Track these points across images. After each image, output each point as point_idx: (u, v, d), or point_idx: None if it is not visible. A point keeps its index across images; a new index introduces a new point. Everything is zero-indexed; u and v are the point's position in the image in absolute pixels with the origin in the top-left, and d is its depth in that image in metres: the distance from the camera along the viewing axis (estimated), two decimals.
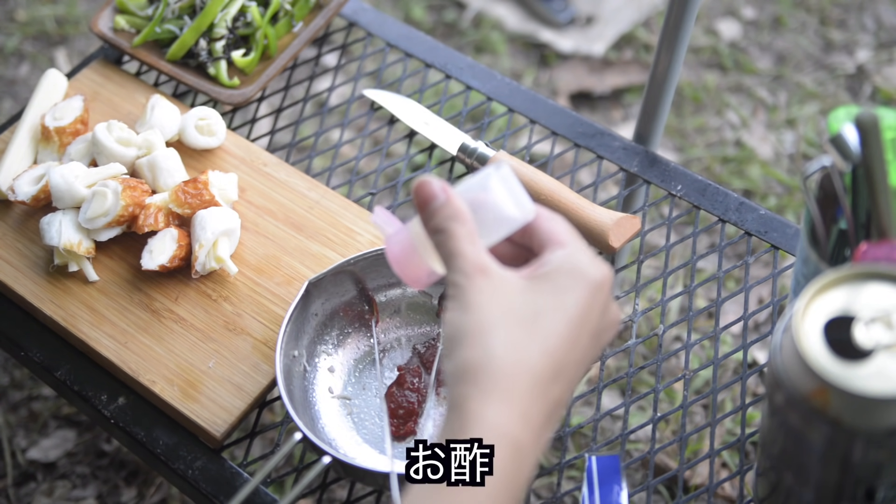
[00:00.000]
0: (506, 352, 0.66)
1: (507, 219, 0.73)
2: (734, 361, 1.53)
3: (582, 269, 0.70)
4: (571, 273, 0.70)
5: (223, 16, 1.19)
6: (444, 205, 0.72)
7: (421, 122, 1.17)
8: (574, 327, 0.68)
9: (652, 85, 1.21)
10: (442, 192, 0.72)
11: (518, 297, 0.69)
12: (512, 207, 0.73)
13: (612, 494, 0.92)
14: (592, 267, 0.71)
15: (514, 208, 0.73)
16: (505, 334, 0.67)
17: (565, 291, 0.69)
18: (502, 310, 0.68)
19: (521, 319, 0.68)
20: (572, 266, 0.70)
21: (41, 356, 1.03)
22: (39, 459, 1.50)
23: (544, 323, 0.68)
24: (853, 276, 0.71)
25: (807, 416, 0.70)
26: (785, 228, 1.08)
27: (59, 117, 1.12)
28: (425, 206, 0.72)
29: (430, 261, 0.74)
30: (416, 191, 0.72)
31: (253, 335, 1.01)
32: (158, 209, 1.04)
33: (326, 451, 0.88)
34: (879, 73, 1.97)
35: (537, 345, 0.67)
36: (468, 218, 0.72)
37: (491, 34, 2.04)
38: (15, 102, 1.96)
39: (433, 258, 0.74)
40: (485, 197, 0.73)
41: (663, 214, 1.69)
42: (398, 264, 0.75)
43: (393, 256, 0.75)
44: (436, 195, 0.72)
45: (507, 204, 0.73)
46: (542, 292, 0.69)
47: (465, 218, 0.72)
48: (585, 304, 0.69)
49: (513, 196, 0.73)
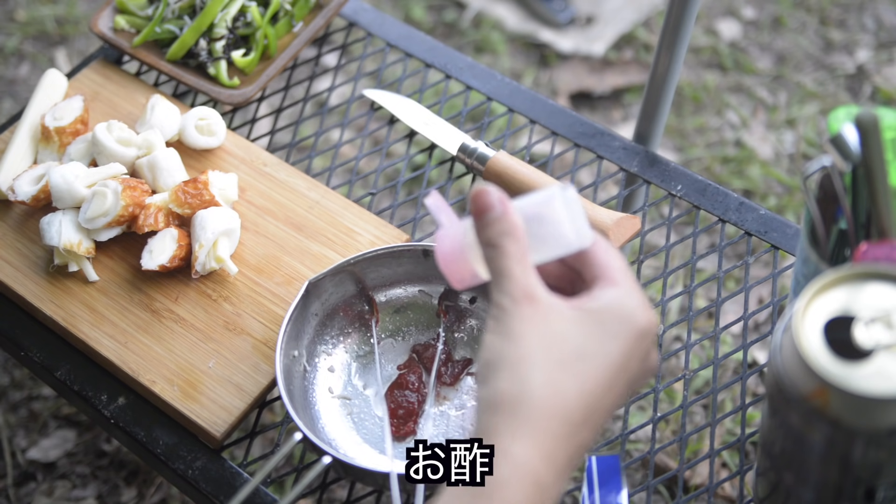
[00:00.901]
0: (543, 390, 0.65)
1: (563, 241, 0.71)
2: (734, 361, 1.53)
3: (631, 315, 0.69)
4: (621, 318, 0.68)
5: (223, 16, 1.19)
6: (500, 218, 0.70)
7: (421, 122, 1.17)
8: (613, 375, 0.67)
9: (652, 85, 1.21)
10: (499, 204, 0.70)
11: (563, 332, 0.67)
12: (570, 231, 0.71)
13: (612, 494, 0.92)
14: (642, 314, 0.69)
15: (573, 232, 0.71)
16: (545, 371, 0.66)
17: (612, 337, 0.68)
18: (545, 344, 0.67)
19: (564, 358, 0.67)
20: (623, 310, 0.69)
21: (41, 356, 1.03)
22: (39, 459, 1.50)
23: (586, 366, 0.67)
24: (853, 276, 0.71)
25: (807, 416, 0.70)
26: (785, 228, 1.08)
27: (59, 117, 1.12)
28: (480, 216, 0.71)
29: (478, 266, 0.73)
30: (474, 199, 0.71)
31: (253, 335, 1.01)
32: (158, 209, 1.04)
33: (326, 451, 0.88)
34: (879, 73, 1.97)
35: (575, 387, 0.66)
36: (522, 235, 0.70)
37: (491, 34, 2.04)
38: (15, 102, 1.96)
39: (481, 265, 0.72)
40: (545, 214, 0.71)
41: (663, 214, 1.69)
42: (445, 261, 0.74)
43: (441, 252, 0.73)
44: (492, 206, 0.70)
45: (565, 226, 0.71)
46: (588, 333, 0.68)
47: (518, 235, 0.70)
48: (628, 353, 0.68)
49: (573, 220, 0.71)
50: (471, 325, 1.01)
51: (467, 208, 0.72)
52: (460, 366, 0.99)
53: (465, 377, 0.99)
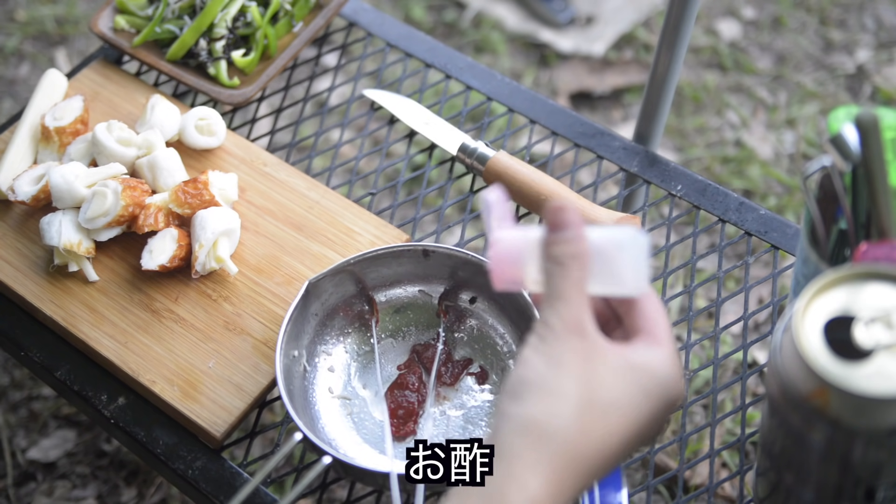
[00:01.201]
0: (573, 429, 0.66)
1: (620, 283, 0.71)
2: (734, 361, 1.53)
3: (669, 381, 0.69)
4: (660, 382, 0.69)
5: (223, 16, 1.19)
6: (573, 240, 0.70)
7: (421, 122, 1.17)
8: (636, 431, 0.68)
9: (652, 85, 1.21)
10: (577, 227, 0.70)
11: (605, 377, 0.67)
12: (630, 276, 0.71)
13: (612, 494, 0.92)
14: (677, 383, 0.70)
15: (632, 278, 0.71)
16: (579, 411, 0.66)
17: (647, 397, 0.68)
18: (586, 383, 0.67)
19: (599, 403, 0.67)
20: (663, 374, 0.69)
21: (41, 356, 1.03)
22: (39, 459, 1.50)
23: (616, 417, 0.67)
24: (853, 276, 0.71)
25: (807, 416, 0.70)
26: (785, 228, 1.08)
27: (59, 117, 1.12)
28: (555, 230, 0.70)
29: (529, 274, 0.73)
30: (554, 212, 0.70)
31: (253, 335, 1.01)
32: (158, 209, 1.04)
33: (326, 451, 0.88)
34: (879, 73, 1.97)
35: (601, 434, 0.66)
36: (587, 263, 0.70)
37: (491, 34, 2.04)
38: (15, 102, 1.96)
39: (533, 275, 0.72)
40: (612, 251, 0.71)
41: (663, 214, 1.69)
42: (497, 263, 0.73)
43: (496, 255, 0.73)
44: (570, 225, 0.70)
45: (628, 270, 0.71)
46: (627, 385, 0.68)
47: (585, 262, 0.70)
48: (656, 416, 0.69)
49: (636, 266, 0.71)
50: (471, 325, 1.01)
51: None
52: (460, 366, 0.99)
53: (465, 377, 0.99)
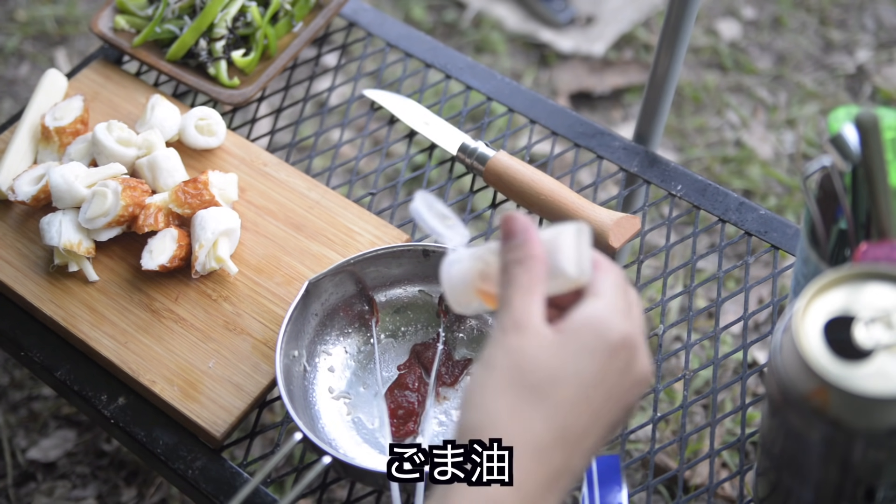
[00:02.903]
0: (507, 421, 0.65)
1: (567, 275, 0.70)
2: (734, 361, 1.53)
3: (604, 327, 0.67)
4: (594, 332, 0.67)
5: (223, 16, 1.19)
6: (518, 246, 0.69)
7: (421, 122, 1.17)
8: (586, 393, 0.66)
9: (652, 85, 1.21)
10: (521, 233, 0.69)
11: (537, 359, 0.66)
12: (573, 265, 0.70)
13: (612, 494, 0.92)
14: (616, 324, 0.67)
15: (575, 266, 0.70)
16: (510, 401, 0.65)
17: (584, 354, 0.66)
18: (517, 373, 0.66)
19: (534, 385, 0.65)
20: (596, 323, 0.67)
21: (41, 356, 1.03)
22: (39, 459, 1.50)
23: (557, 390, 0.65)
24: (853, 276, 0.71)
25: (807, 416, 0.70)
26: (785, 228, 1.08)
27: (59, 117, 1.12)
28: (505, 240, 0.70)
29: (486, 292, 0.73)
30: (502, 224, 0.70)
31: (253, 335, 1.01)
32: (158, 209, 1.04)
33: (326, 451, 0.88)
34: (879, 73, 1.97)
35: (542, 414, 0.65)
36: (535, 265, 0.69)
37: (491, 34, 2.04)
38: (15, 102, 1.96)
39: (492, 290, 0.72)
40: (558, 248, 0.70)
41: (663, 214, 1.69)
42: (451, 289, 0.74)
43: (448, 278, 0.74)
44: (514, 234, 0.70)
45: (571, 261, 0.70)
46: (562, 355, 0.66)
47: (531, 265, 0.68)
48: (602, 367, 0.66)
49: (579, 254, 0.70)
50: (471, 325, 1.01)
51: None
52: (460, 366, 0.99)
53: (465, 377, 0.99)
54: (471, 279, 0.73)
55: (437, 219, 0.73)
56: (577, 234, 0.70)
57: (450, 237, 0.74)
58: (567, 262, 0.70)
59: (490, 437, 0.65)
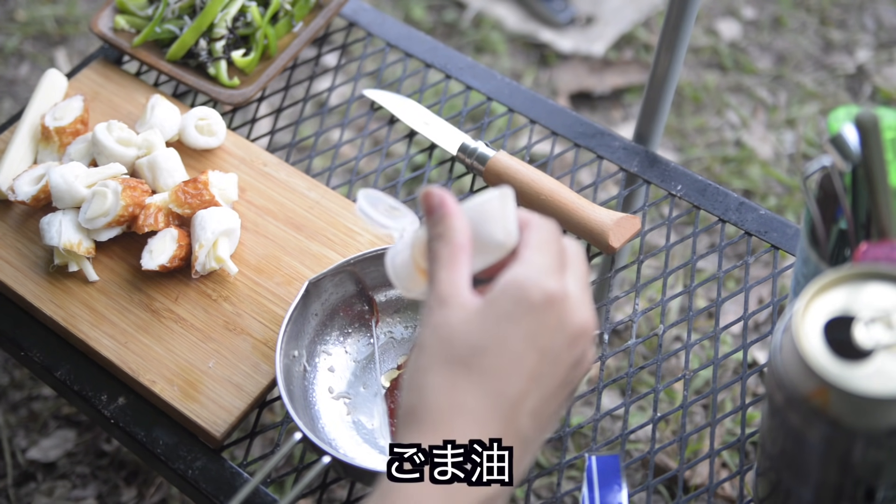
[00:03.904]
0: (440, 396, 0.64)
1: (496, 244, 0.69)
2: (734, 361, 1.53)
3: (524, 289, 0.64)
4: (515, 296, 0.64)
5: (223, 16, 1.19)
6: (437, 221, 0.68)
7: (421, 122, 1.17)
8: (517, 359, 0.64)
9: (652, 85, 1.21)
10: (438, 208, 0.68)
11: (462, 330, 0.64)
12: (501, 232, 0.69)
13: (612, 494, 0.92)
14: (538, 283, 0.64)
15: (502, 232, 0.69)
16: (440, 376, 0.64)
17: (507, 320, 0.64)
18: (444, 347, 0.64)
19: (461, 357, 0.64)
20: (517, 287, 0.64)
21: (41, 356, 1.03)
22: (39, 459, 1.50)
23: (485, 359, 0.64)
24: (853, 276, 0.71)
25: (807, 416, 0.70)
26: (785, 228, 1.08)
27: (59, 117, 1.12)
28: (426, 217, 0.69)
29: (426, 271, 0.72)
30: (421, 200, 0.69)
31: (253, 335, 1.01)
32: (158, 209, 1.04)
33: (326, 451, 0.88)
34: (879, 73, 1.97)
35: (473, 385, 0.63)
36: (457, 238, 0.67)
37: (491, 34, 2.04)
38: (15, 102, 1.96)
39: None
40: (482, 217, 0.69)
41: (663, 214, 1.69)
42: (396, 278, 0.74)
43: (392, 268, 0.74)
44: (433, 210, 0.68)
45: (498, 227, 0.68)
46: (484, 323, 0.64)
47: (451, 237, 0.67)
48: (530, 331, 0.64)
49: (505, 220, 0.69)
50: None
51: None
52: None
53: None
54: (412, 264, 0.72)
55: (385, 213, 0.72)
56: (501, 199, 0.69)
57: (399, 228, 0.73)
58: (494, 230, 0.68)
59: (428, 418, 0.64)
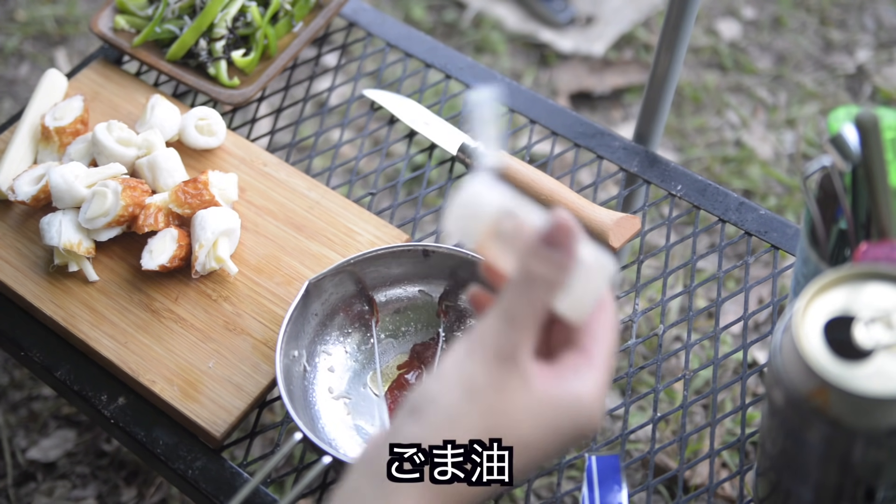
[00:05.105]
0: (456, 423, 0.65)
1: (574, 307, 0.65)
2: (734, 361, 1.53)
3: (582, 415, 0.64)
4: (575, 421, 0.64)
5: (223, 16, 1.19)
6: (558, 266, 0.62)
7: (421, 122, 1.17)
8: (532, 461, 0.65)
9: (652, 85, 1.21)
10: (569, 254, 0.63)
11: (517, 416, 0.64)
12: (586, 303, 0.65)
13: (611, 494, 0.92)
14: (592, 412, 0.65)
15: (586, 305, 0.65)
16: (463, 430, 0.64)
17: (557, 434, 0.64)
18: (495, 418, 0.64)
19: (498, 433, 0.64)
20: (577, 409, 0.64)
21: (41, 356, 1.03)
22: (39, 459, 1.50)
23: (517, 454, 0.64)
24: (853, 276, 0.71)
25: (807, 416, 0.70)
26: (785, 228, 1.08)
27: (59, 117, 1.12)
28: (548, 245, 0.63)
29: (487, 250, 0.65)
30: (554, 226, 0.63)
31: (253, 335, 1.01)
32: (158, 209, 1.04)
33: (326, 451, 0.88)
34: (879, 73, 1.97)
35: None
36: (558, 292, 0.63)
37: (491, 34, 2.04)
38: (15, 102, 1.96)
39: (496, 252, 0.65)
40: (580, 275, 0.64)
41: (663, 214, 1.69)
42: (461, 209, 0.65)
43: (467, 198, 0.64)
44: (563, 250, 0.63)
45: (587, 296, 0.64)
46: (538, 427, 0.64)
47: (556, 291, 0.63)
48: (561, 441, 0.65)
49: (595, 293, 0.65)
50: (471, 324, 1.01)
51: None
52: None
53: None
54: (484, 223, 0.64)
55: (490, 122, 0.64)
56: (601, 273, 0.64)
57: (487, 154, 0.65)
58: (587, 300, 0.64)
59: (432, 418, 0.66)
